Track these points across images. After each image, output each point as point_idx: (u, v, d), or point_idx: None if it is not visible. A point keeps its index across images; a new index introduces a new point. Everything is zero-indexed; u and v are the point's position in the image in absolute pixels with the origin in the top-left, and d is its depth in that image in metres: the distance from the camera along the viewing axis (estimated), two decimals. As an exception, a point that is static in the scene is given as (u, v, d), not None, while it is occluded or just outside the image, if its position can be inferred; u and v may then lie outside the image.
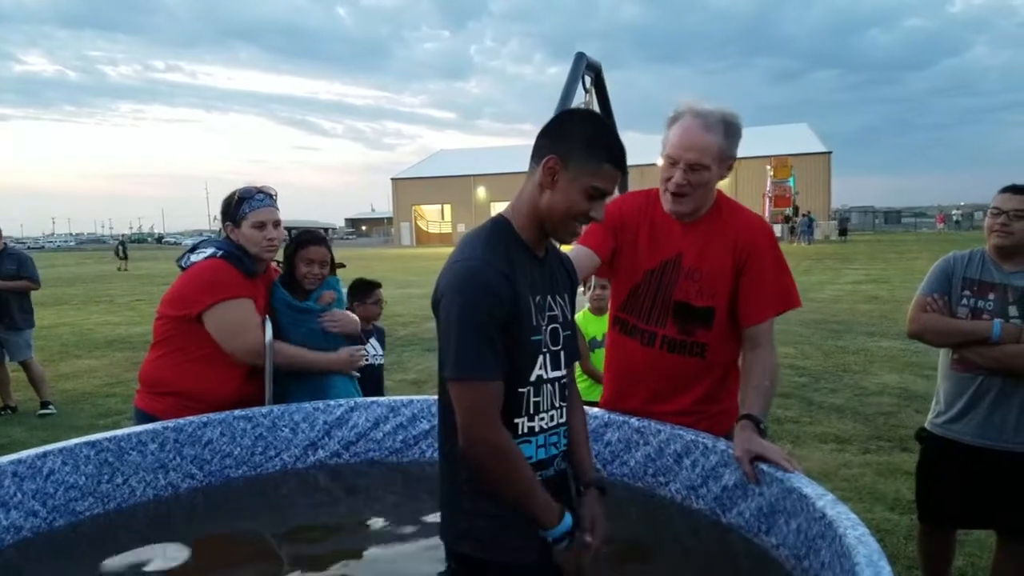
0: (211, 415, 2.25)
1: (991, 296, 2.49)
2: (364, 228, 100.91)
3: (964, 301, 2.54)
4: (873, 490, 4.08)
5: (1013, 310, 2.45)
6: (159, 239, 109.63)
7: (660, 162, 2.02)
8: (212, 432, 2.23)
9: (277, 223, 2.50)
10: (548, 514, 1.42)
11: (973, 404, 2.52)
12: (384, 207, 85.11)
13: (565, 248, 1.79)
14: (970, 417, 2.53)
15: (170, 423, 2.19)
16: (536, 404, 1.48)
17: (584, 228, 1.62)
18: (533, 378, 1.47)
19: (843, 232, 39.64)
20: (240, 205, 2.46)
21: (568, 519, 1.44)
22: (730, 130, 1.96)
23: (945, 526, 2.76)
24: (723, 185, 2.07)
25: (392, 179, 61.44)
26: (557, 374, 1.52)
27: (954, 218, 55.59)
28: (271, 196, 2.52)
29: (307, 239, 2.61)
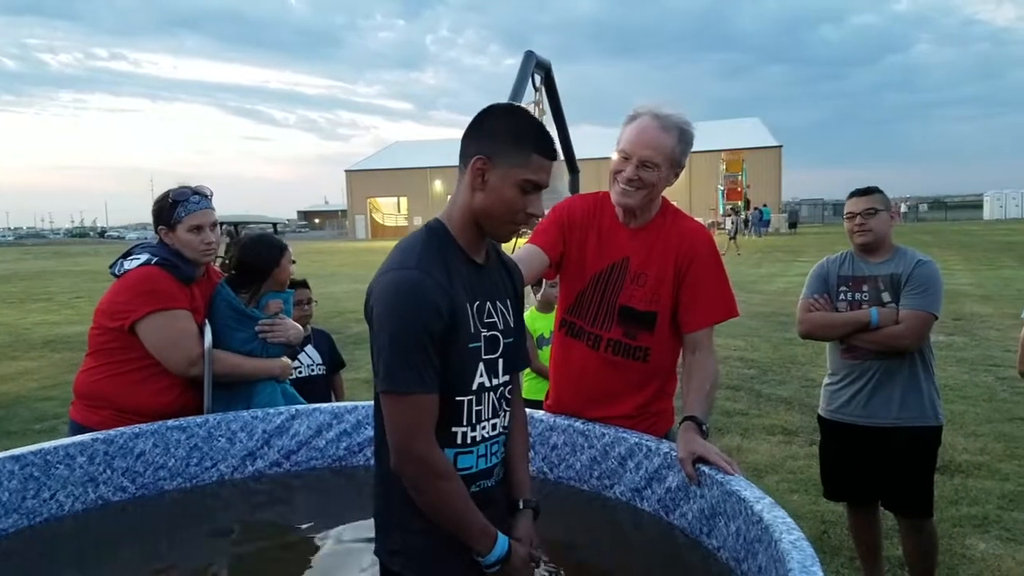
0: (143, 426, 2.17)
1: (865, 288, 2.78)
2: (317, 221, 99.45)
3: (842, 296, 2.82)
4: (819, 482, 4.14)
5: (887, 296, 2.74)
6: (102, 233, 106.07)
7: (614, 156, 2.03)
8: (144, 443, 2.14)
9: (214, 225, 2.41)
10: (483, 539, 1.38)
11: (850, 387, 2.81)
12: (338, 200, 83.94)
13: (508, 246, 1.76)
14: (848, 399, 2.82)
15: (100, 435, 2.10)
16: (478, 413, 1.43)
17: (532, 225, 1.59)
18: (475, 386, 1.42)
19: (793, 224, 40.52)
20: (174, 208, 2.35)
21: (503, 543, 1.40)
22: (684, 136, 2.00)
23: (840, 500, 3.09)
24: (678, 180, 2.09)
25: (346, 171, 60.62)
26: (497, 382, 1.47)
27: (901, 210, 57.34)
28: (207, 197, 2.42)
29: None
